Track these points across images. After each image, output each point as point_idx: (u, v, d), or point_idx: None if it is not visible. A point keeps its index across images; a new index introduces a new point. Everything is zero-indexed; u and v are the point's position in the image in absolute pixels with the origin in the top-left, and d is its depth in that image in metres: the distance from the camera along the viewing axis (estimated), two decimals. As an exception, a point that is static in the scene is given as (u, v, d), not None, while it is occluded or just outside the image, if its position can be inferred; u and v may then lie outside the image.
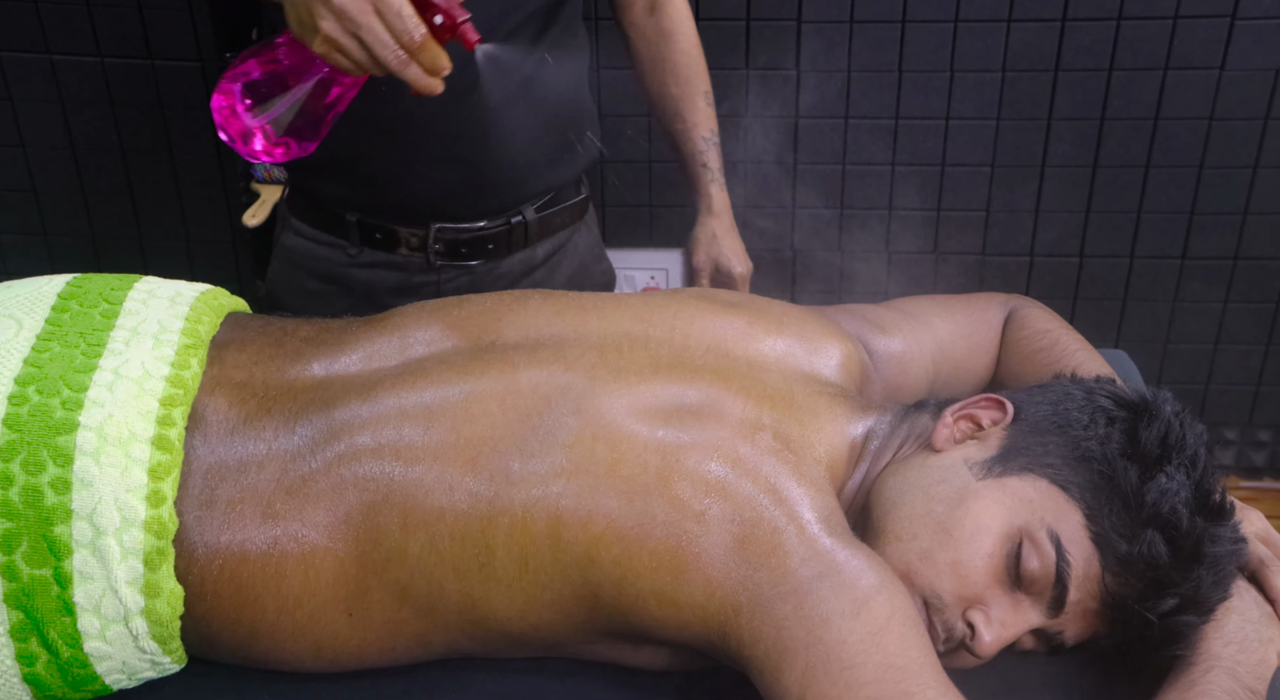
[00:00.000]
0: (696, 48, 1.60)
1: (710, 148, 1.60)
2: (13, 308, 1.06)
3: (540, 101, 1.42)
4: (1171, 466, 0.98)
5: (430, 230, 1.44)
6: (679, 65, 1.60)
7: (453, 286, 1.47)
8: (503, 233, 1.47)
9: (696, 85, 1.60)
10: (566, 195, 1.52)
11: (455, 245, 1.45)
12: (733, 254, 1.60)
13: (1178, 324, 2.55)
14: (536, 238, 1.50)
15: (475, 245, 1.46)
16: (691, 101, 1.60)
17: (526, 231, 1.48)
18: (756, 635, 0.94)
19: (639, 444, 0.99)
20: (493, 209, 1.45)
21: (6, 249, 2.76)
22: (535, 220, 1.48)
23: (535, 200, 1.48)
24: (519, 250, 1.49)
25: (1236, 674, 0.97)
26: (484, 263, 1.48)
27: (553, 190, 1.50)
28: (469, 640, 1.04)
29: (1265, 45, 2.28)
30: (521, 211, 1.47)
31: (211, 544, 0.99)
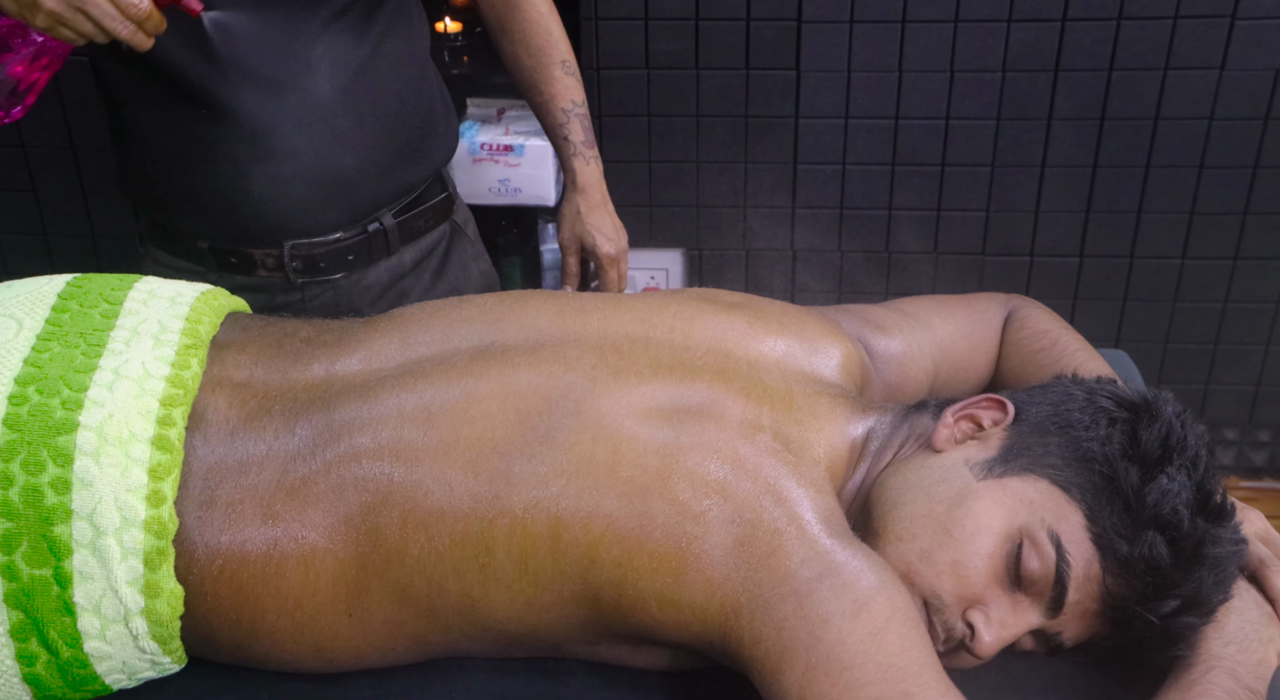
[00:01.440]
0: (549, 14, 1.52)
1: (571, 120, 1.53)
2: (13, 307, 1.06)
3: (379, 96, 1.37)
4: (1173, 468, 0.98)
5: (284, 248, 1.39)
6: (528, 34, 1.52)
7: (317, 303, 1.43)
8: (361, 242, 1.41)
9: (550, 54, 1.52)
10: (428, 195, 1.47)
11: (313, 261, 1.40)
12: (597, 231, 1.53)
13: (1178, 324, 2.55)
14: (400, 243, 1.45)
15: (334, 258, 1.41)
16: (546, 72, 1.53)
17: (387, 238, 1.43)
18: (757, 636, 0.94)
19: (639, 445, 0.99)
20: (345, 219, 1.39)
21: (6, 249, 2.76)
22: (395, 226, 1.43)
23: (392, 205, 1.43)
24: (382, 258, 1.44)
25: (1236, 674, 0.97)
26: (347, 275, 1.43)
27: (410, 192, 1.44)
28: (469, 640, 1.04)
29: (1265, 45, 2.28)
30: (379, 218, 1.42)
31: (212, 544, 0.99)
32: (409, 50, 1.41)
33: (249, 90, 1.30)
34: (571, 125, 1.53)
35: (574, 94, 1.54)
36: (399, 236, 1.44)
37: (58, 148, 2.62)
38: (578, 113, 1.54)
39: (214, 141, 1.32)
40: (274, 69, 1.30)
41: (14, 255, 2.75)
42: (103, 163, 2.63)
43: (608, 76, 2.39)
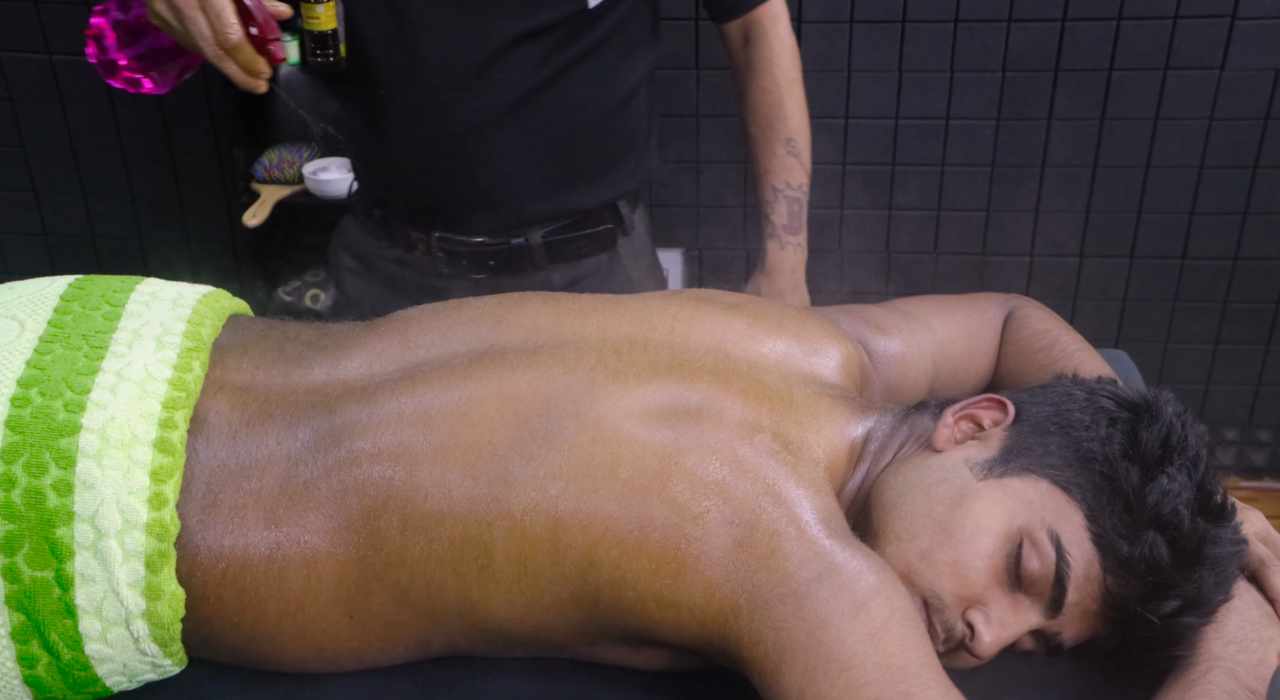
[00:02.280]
0: (785, 88, 1.48)
1: (779, 200, 1.49)
2: (15, 309, 1.07)
3: (552, 119, 1.37)
4: (1173, 468, 0.98)
5: (432, 238, 1.44)
6: (759, 104, 1.49)
7: (463, 295, 1.44)
8: (504, 252, 1.44)
9: (776, 129, 1.48)
10: (590, 222, 1.47)
11: (456, 257, 1.44)
12: None
13: (1178, 324, 2.55)
14: (546, 263, 1.46)
15: (475, 259, 1.44)
16: (768, 146, 1.49)
17: (532, 255, 1.45)
18: (756, 637, 0.94)
19: (637, 446, 0.99)
20: (488, 227, 1.42)
21: (7, 249, 2.76)
22: (541, 245, 1.45)
23: (544, 225, 1.44)
24: (527, 273, 1.46)
25: (1236, 674, 0.97)
26: (489, 278, 1.45)
27: (567, 216, 1.45)
28: (469, 641, 1.05)
29: (1265, 45, 2.28)
30: (526, 234, 1.43)
31: (214, 548, 0.99)
32: (608, 82, 1.40)
33: (427, 80, 1.35)
34: (777, 205, 1.50)
35: (790, 175, 1.49)
36: (545, 256, 1.45)
37: (58, 148, 2.62)
38: (788, 195, 1.49)
39: (378, 120, 1.39)
40: (457, 66, 1.33)
41: (15, 255, 2.76)
42: (103, 163, 2.64)
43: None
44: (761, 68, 1.47)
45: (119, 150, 2.61)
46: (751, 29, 1.48)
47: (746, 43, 1.48)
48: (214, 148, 2.56)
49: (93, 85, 2.54)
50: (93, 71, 2.25)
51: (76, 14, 2.47)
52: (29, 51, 2.51)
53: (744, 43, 1.48)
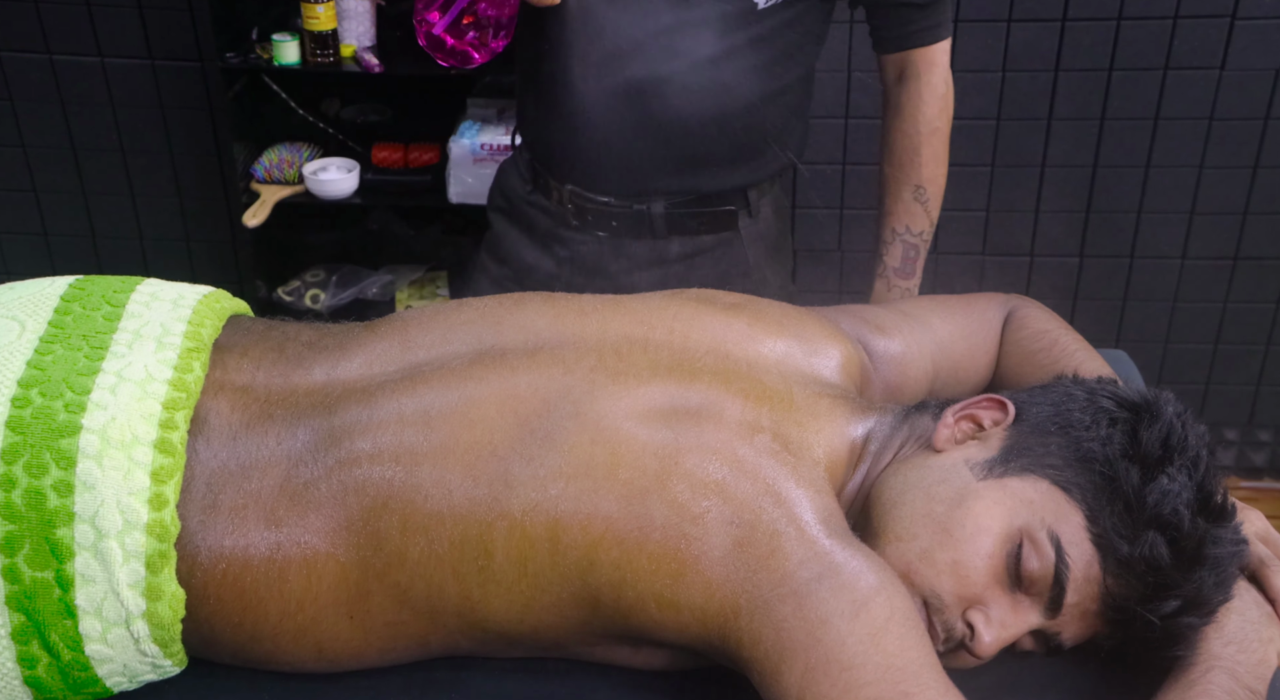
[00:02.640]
0: (925, 136, 1.49)
1: (895, 243, 1.51)
2: (15, 309, 1.07)
3: (693, 101, 1.41)
4: (1173, 468, 0.98)
5: (565, 189, 1.51)
6: (896, 146, 1.50)
7: (584, 250, 1.54)
8: (626, 215, 1.50)
9: (907, 174, 1.50)
10: (713, 202, 1.50)
11: (583, 211, 1.51)
12: None
13: (1178, 324, 2.55)
14: (665, 232, 1.50)
15: (599, 218, 1.51)
16: (896, 189, 1.51)
17: (652, 223, 1.50)
18: (756, 637, 0.94)
19: (637, 446, 0.99)
20: (614, 189, 1.49)
21: (8, 249, 2.76)
22: (662, 215, 1.49)
23: (669, 197, 1.48)
24: (645, 239, 1.50)
25: (1236, 674, 0.97)
26: (610, 238, 1.51)
27: (691, 193, 1.48)
28: (469, 641, 1.05)
29: (1265, 45, 2.28)
30: (649, 203, 1.48)
31: (214, 548, 0.99)
32: (756, 78, 1.43)
33: (580, 46, 1.40)
34: (893, 248, 1.52)
35: (912, 221, 1.51)
36: (665, 226, 1.50)
37: (58, 148, 2.62)
38: (905, 239, 1.51)
39: (543, 70, 1.46)
40: (610, 40, 1.38)
41: (15, 255, 2.76)
42: (103, 163, 2.64)
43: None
44: (907, 110, 1.49)
45: (119, 150, 2.61)
46: (907, 69, 1.49)
47: (899, 81, 1.49)
48: (214, 148, 2.56)
49: (93, 85, 2.54)
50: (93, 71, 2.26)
51: (76, 14, 2.47)
52: (29, 51, 2.51)
53: (897, 80, 1.50)
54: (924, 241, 1.53)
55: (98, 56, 2.51)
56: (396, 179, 2.49)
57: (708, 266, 1.54)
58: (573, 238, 1.54)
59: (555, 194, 1.53)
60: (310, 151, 2.52)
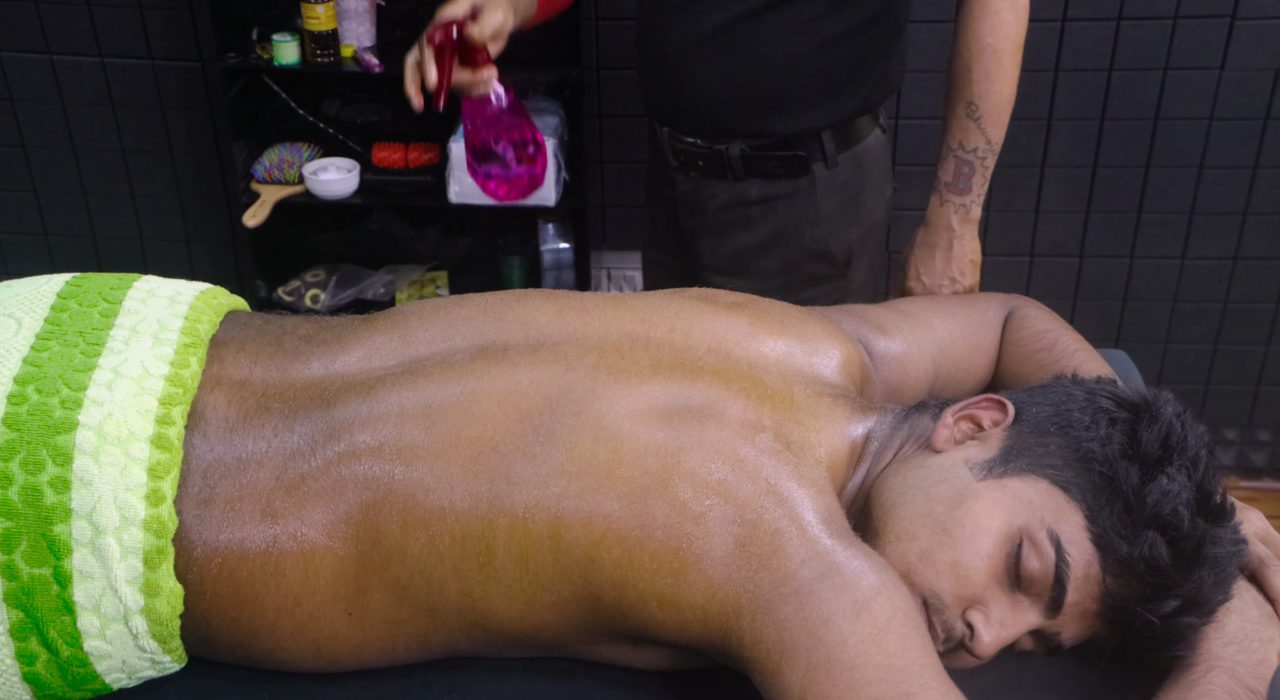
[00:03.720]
0: (976, 53, 1.50)
1: (949, 158, 1.54)
2: (12, 307, 1.07)
3: (749, 51, 1.51)
4: (1173, 468, 0.98)
5: (663, 131, 1.65)
6: (953, 63, 1.53)
7: (685, 187, 1.66)
8: (708, 156, 1.61)
9: (960, 91, 1.52)
10: (786, 146, 1.57)
11: (677, 152, 1.64)
12: (912, 266, 1.57)
13: (1177, 324, 2.55)
14: (744, 174, 1.60)
15: (688, 158, 1.63)
16: (951, 105, 1.54)
17: (730, 164, 1.59)
18: (758, 636, 0.94)
19: (639, 445, 0.99)
20: (698, 130, 1.60)
21: (7, 249, 2.76)
22: (739, 156, 1.58)
23: (747, 139, 1.58)
24: (727, 180, 1.61)
25: (1237, 674, 0.97)
26: (699, 178, 1.63)
27: (766, 136, 1.56)
28: (468, 640, 1.04)
29: (1265, 45, 2.28)
30: (728, 143, 1.58)
31: (211, 543, 0.99)
32: (823, 20, 1.50)
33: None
34: (946, 163, 1.55)
35: (965, 137, 1.53)
36: (742, 167, 1.60)
37: (58, 148, 2.62)
38: (958, 154, 1.54)
39: (640, 20, 1.63)
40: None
41: (15, 255, 2.76)
42: (103, 163, 2.64)
43: (608, 76, 2.39)
44: (962, 26, 1.53)
45: (119, 150, 2.61)
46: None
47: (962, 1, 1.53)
48: (214, 148, 2.56)
49: (93, 85, 2.54)
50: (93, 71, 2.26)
51: (76, 14, 2.47)
52: (29, 51, 2.51)
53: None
54: (979, 158, 1.55)
55: (98, 57, 2.51)
56: (396, 179, 2.49)
57: (783, 211, 1.60)
58: (674, 177, 1.67)
59: (660, 132, 1.66)
60: (310, 151, 2.52)
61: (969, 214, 1.55)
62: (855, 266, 1.66)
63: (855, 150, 1.61)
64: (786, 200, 1.60)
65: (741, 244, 1.64)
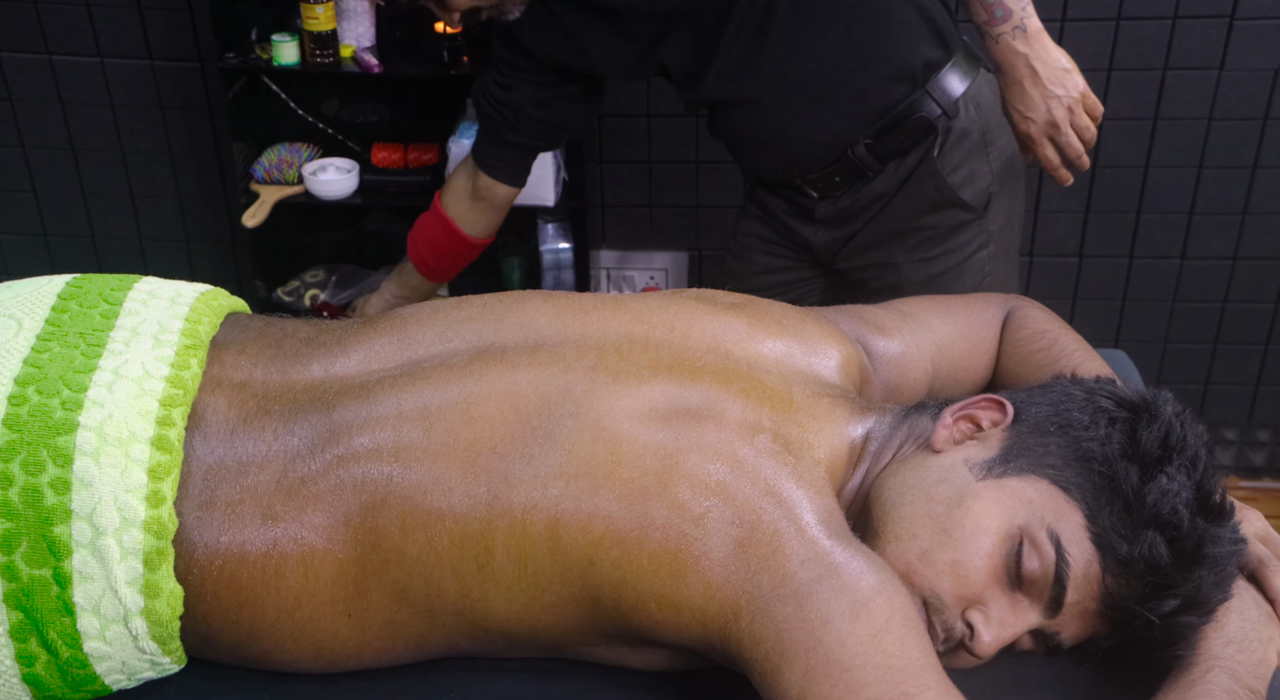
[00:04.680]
0: None
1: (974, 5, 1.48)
2: (13, 308, 1.06)
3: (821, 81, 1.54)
4: (1172, 467, 0.98)
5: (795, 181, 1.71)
6: None
7: (826, 210, 1.70)
8: (837, 168, 1.64)
9: None
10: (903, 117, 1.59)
11: (813, 182, 1.68)
12: (1015, 110, 1.50)
13: (1177, 324, 2.55)
14: (877, 166, 1.63)
15: (825, 186, 1.67)
16: None
17: (860, 164, 1.63)
18: (756, 637, 0.94)
19: (638, 446, 0.99)
20: (814, 165, 1.65)
21: (6, 249, 2.76)
22: (866, 154, 1.62)
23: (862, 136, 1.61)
24: (866, 177, 1.64)
25: (1236, 673, 0.97)
26: (841, 186, 1.66)
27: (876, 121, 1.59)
28: (468, 641, 1.05)
29: (1264, 45, 2.28)
30: (850, 148, 1.62)
31: (211, 545, 0.99)
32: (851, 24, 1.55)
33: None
34: (971, 6, 1.49)
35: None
36: (873, 160, 1.62)
37: (57, 148, 2.62)
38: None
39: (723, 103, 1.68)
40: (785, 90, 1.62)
41: (14, 256, 2.76)
42: (102, 163, 2.64)
43: (607, 77, 2.38)
44: None
45: (118, 151, 2.61)
46: None
47: None
48: (213, 148, 2.56)
49: (93, 85, 2.54)
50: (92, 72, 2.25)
51: (76, 14, 2.47)
52: (29, 52, 2.51)
53: None
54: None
55: (97, 57, 2.51)
56: (396, 179, 2.48)
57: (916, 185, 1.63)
58: (814, 207, 1.71)
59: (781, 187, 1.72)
60: (309, 152, 2.52)
61: (1027, 30, 1.46)
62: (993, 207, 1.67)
63: (969, 92, 1.60)
64: (920, 170, 1.62)
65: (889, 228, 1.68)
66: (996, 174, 1.65)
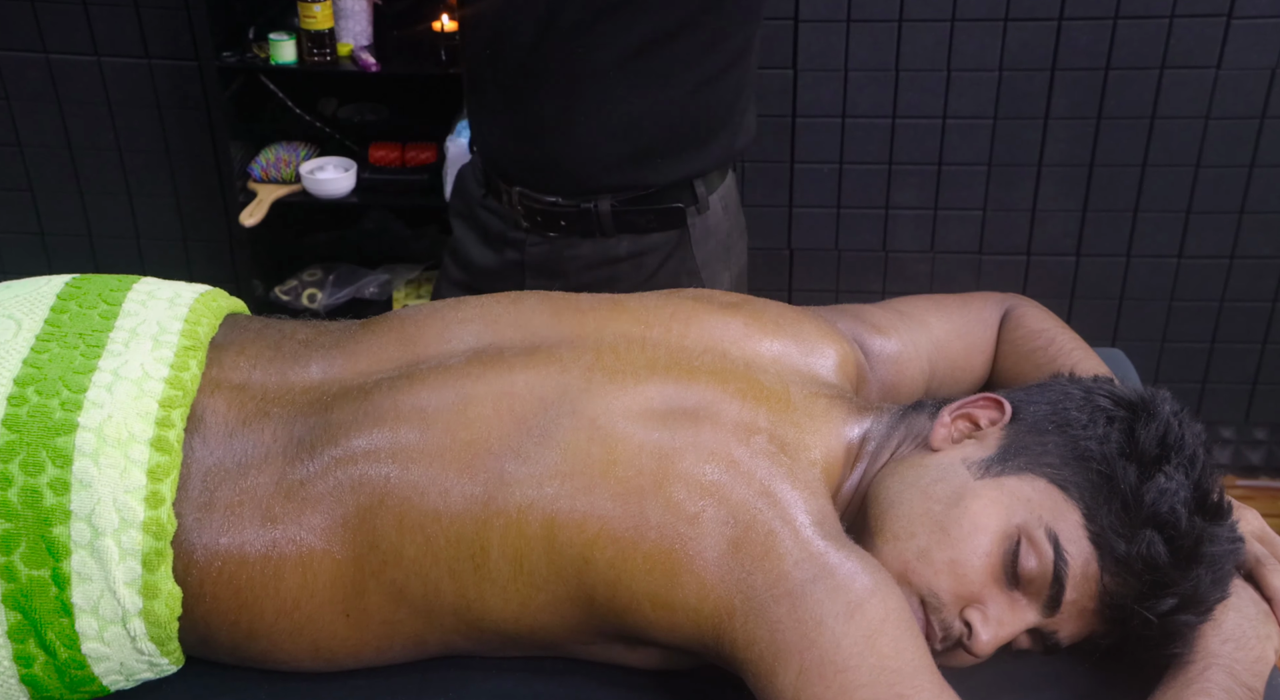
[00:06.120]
0: None
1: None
2: (12, 308, 1.06)
3: (621, 99, 1.43)
4: (1170, 466, 0.99)
5: (513, 191, 1.52)
6: None
7: (535, 252, 1.54)
8: (574, 214, 1.50)
9: None
10: (661, 199, 1.50)
11: (532, 212, 1.52)
12: None
13: (1174, 323, 2.55)
14: (613, 231, 1.51)
15: (548, 218, 1.52)
16: None
17: (599, 220, 1.50)
18: (751, 638, 0.94)
19: (634, 446, 0.99)
20: (562, 189, 1.50)
21: (4, 249, 2.76)
22: (609, 213, 1.50)
23: (616, 193, 1.49)
24: (594, 238, 1.51)
25: (1234, 671, 0.97)
26: (560, 237, 1.52)
27: (637, 190, 1.49)
28: (465, 640, 1.05)
29: (1261, 44, 2.28)
30: (596, 201, 1.49)
31: (210, 546, 0.99)
32: (692, 64, 1.44)
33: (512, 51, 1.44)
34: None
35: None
36: (613, 224, 1.51)
37: (55, 147, 2.62)
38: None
39: (485, 76, 1.49)
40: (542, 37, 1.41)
41: (12, 255, 2.75)
42: (100, 162, 2.63)
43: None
44: None
45: (116, 150, 2.61)
46: None
47: None
48: (211, 147, 2.56)
49: (90, 85, 2.54)
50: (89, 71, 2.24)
51: (73, 13, 2.47)
52: (27, 51, 2.51)
53: None
54: None
55: (94, 56, 2.51)
56: (393, 178, 2.48)
57: (655, 265, 1.54)
58: (523, 239, 1.55)
59: (505, 197, 1.54)
60: (307, 151, 2.51)
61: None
62: None
63: (722, 193, 1.57)
64: (658, 253, 1.53)
65: None
66: (733, 279, 1.62)
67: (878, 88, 2.34)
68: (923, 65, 2.32)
